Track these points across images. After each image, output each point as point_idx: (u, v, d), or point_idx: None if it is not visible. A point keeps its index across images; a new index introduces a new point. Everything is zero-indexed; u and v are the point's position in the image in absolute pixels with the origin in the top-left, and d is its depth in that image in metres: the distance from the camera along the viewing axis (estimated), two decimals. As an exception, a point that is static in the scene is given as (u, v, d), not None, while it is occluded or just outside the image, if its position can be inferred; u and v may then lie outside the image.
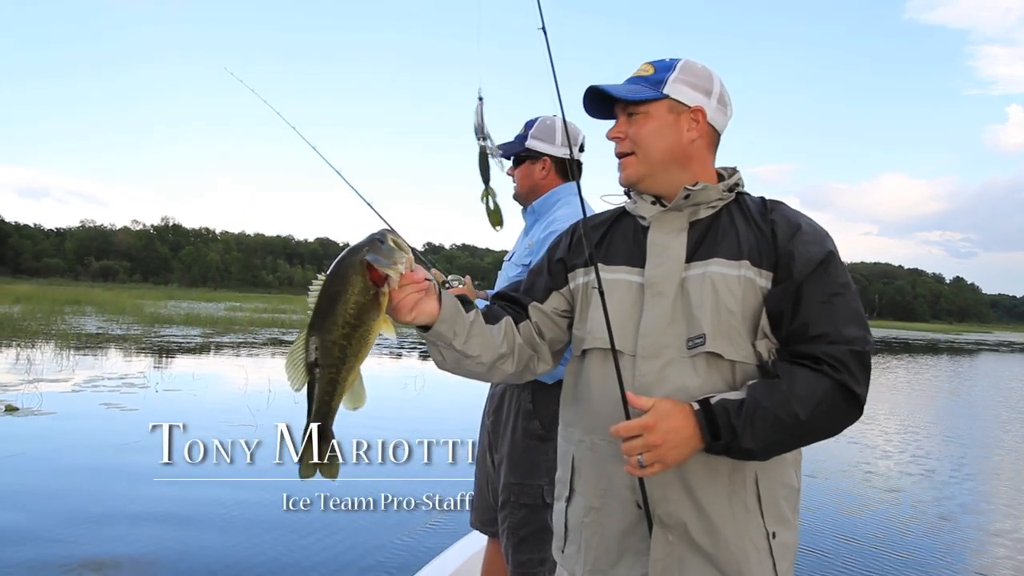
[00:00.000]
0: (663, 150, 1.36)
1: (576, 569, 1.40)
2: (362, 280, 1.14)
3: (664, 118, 1.36)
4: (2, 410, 7.63)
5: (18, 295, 31.06)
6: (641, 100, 1.36)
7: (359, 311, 1.15)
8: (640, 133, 1.37)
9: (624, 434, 1.18)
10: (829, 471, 7.15)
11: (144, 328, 20.84)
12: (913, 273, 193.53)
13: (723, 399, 1.20)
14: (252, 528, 4.61)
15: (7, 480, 5.43)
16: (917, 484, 6.97)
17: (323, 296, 1.15)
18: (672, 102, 1.36)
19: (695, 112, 1.37)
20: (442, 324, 1.28)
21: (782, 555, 1.29)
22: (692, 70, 1.38)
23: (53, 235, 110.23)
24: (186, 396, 9.18)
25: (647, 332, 1.30)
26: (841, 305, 1.25)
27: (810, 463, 7.26)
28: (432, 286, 1.26)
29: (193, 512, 4.85)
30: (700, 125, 1.37)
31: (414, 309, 1.23)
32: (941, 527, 5.63)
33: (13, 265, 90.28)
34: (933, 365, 26.69)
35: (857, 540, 5.11)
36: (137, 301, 33.18)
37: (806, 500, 5.80)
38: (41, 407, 7.87)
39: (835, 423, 1.23)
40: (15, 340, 15.41)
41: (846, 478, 6.99)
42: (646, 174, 1.38)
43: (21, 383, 9.42)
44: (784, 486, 1.31)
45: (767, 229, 1.31)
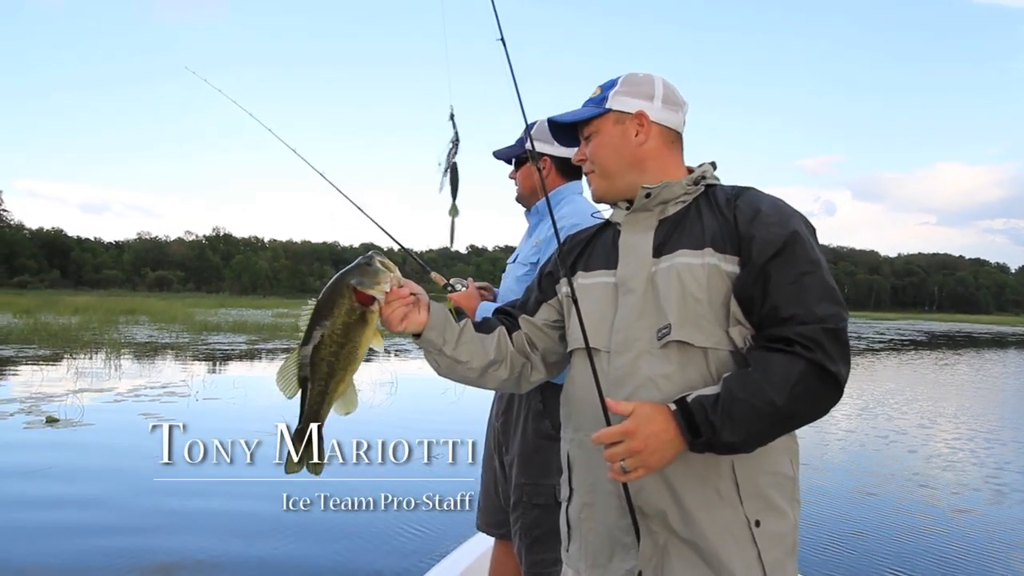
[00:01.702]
0: (616, 160, 1.45)
1: (579, 567, 1.44)
2: (348, 302, 1.27)
3: (611, 131, 1.45)
4: (44, 421, 7.72)
5: (77, 306, 32.16)
6: (588, 119, 1.47)
7: (346, 330, 1.28)
8: (595, 152, 1.47)
9: (605, 440, 1.21)
10: (886, 487, 6.52)
11: (192, 336, 21.26)
12: (975, 263, 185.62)
13: (699, 396, 1.21)
14: (252, 528, 4.64)
15: (23, 494, 5.42)
16: (991, 503, 6.11)
17: (314, 317, 1.28)
18: (616, 114, 1.45)
19: (637, 116, 1.44)
20: (431, 332, 1.40)
21: (770, 545, 1.28)
22: (631, 80, 1.47)
23: (112, 248, 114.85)
24: (224, 405, 9.17)
25: (619, 328, 1.36)
26: (811, 284, 1.25)
27: (862, 475, 6.90)
28: (422, 298, 1.38)
29: (193, 512, 4.85)
30: (646, 128, 1.44)
31: (403, 320, 1.36)
32: (1016, 557, 4.93)
33: (75, 277, 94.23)
34: (1000, 360, 25.31)
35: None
36: (189, 309, 34.01)
37: (859, 520, 5.46)
38: (82, 418, 7.93)
39: (814, 405, 1.23)
40: (67, 350, 15.84)
41: (905, 495, 6.28)
42: (608, 186, 1.48)
43: (66, 393, 9.57)
44: (771, 474, 1.31)
45: (730, 215, 1.33)
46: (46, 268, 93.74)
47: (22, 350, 15.55)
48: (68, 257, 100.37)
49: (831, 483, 6.53)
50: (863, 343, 30.77)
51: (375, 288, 1.27)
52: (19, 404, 8.79)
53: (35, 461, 6.30)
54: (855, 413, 10.56)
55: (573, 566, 1.47)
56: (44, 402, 8.95)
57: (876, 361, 21.46)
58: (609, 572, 1.37)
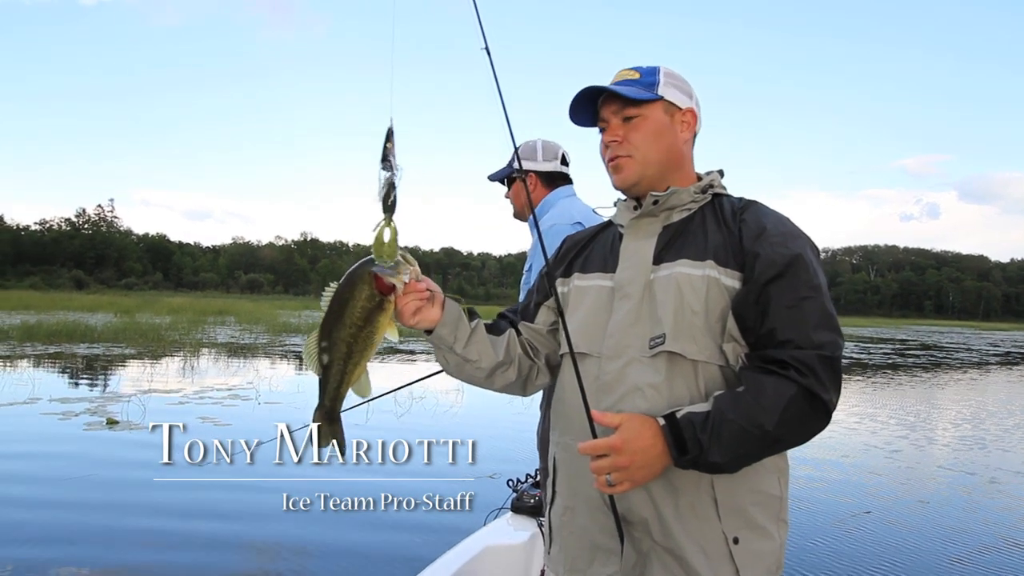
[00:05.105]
0: (661, 151, 1.40)
1: (559, 570, 1.45)
2: (369, 288, 1.31)
3: (661, 120, 1.40)
4: (104, 423, 7.72)
5: (173, 307, 33.88)
6: (641, 100, 1.39)
7: (365, 315, 1.32)
8: (638, 135, 1.40)
9: (591, 453, 1.21)
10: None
11: (271, 337, 21.73)
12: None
13: (689, 413, 1.21)
14: (252, 528, 4.63)
15: (30, 496, 5.28)
16: None
17: (335, 300, 1.32)
18: (666, 103, 1.41)
19: (686, 113, 1.43)
20: (443, 328, 1.39)
21: (750, 563, 1.28)
22: (674, 75, 1.44)
23: (209, 252, 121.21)
24: (284, 408, 8.97)
25: (612, 333, 1.36)
26: (810, 309, 1.24)
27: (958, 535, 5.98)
28: (437, 295, 1.38)
29: (192, 512, 4.87)
30: (691, 127, 1.43)
31: (416, 314, 1.36)
32: None
33: (176, 280, 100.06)
34: None
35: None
36: (275, 311, 35.17)
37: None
38: (141, 420, 7.88)
39: (802, 430, 1.23)
40: (151, 349, 16.37)
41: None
42: (643, 175, 1.41)
43: (135, 393, 9.67)
44: (756, 492, 1.30)
45: (735, 229, 1.33)
46: (150, 271, 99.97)
47: (110, 349, 16.19)
48: (170, 261, 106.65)
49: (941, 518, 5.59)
50: (974, 355, 28.27)
51: (395, 277, 1.30)
52: (87, 404, 8.92)
53: (70, 469, 6.19)
54: (959, 439, 9.34)
55: (554, 569, 1.48)
56: (112, 402, 9.05)
57: (987, 375, 19.46)
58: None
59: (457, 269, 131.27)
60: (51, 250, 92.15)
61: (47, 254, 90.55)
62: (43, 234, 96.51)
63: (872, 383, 16.20)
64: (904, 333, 53.04)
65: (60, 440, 7.15)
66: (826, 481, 6.71)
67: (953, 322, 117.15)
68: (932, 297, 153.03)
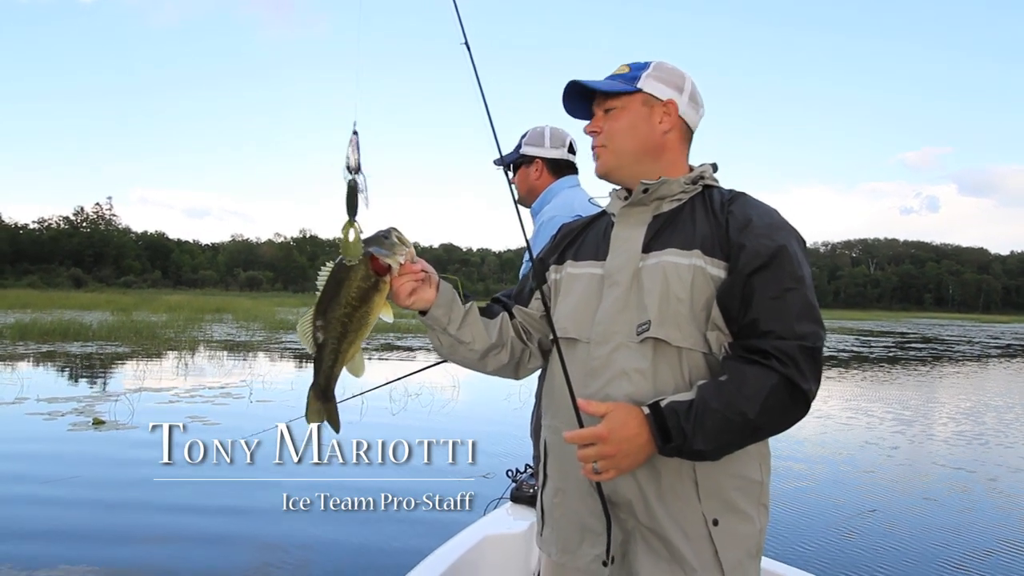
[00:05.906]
0: (633, 141, 1.44)
1: (551, 551, 1.48)
2: (364, 268, 1.32)
3: (638, 111, 1.44)
4: (90, 423, 7.60)
5: (170, 304, 33.68)
6: (616, 93, 1.44)
7: (360, 295, 1.33)
8: (614, 127, 1.45)
9: (578, 441, 1.24)
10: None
11: (268, 335, 21.58)
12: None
13: (673, 401, 1.24)
14: (252, 528, 4.63)
15: (24, 495, 5.16)
16: None
17: (331, 280, 1.33)
18: (646, 96, 1.44)
19: (667, 105, 1.45)
20: (437, 309, 1.42)
21: (729, 544, 1.31)
22: (664, 68, 1.47)
23: (208, 249, 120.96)
24: (275, 407, 8.85)
25: (601, 320, 1.39)
26: (793, 300, 1.27)
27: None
28: (432, 276, 1.41)
29: (192, 512, 4.87)
30: (672, 118, 1.45)
31: (412, 295, 1.38)
32: None
33: (175, 277, 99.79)
34: None
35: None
36: (274, 308, 35.02)
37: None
38: (129, 420, 7.77)
39: (782, 419, 1.26)
40: (145, 347, 16.25)
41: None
42: (617, 165, 1.46)
43: (124, 392, 9.55)
44: (736, 477, 1.34)
45: (723, 220, 1.35)
46: (149, 269, 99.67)
47: (103, 347, 16.06)
48: (169, 258, 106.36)
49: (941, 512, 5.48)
50: (976, 348, 28.17)
51: (391, 258, 1.32)
52: (75, 403, 8.80)
53: (54, 470, 6.08)
54: (959, 433, 9.23)
55: (546, 550, 1.50)
56: (100, 402, 8.93)
57: (987, 368, 19.35)
58: (577, 558, 1.42)
59: (456, 265, 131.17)
60: (49, 249, 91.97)
61: (45, 253, 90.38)
62: (41, 233, 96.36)
63: (872, 377, 16.09)
64: (904, 326, 52.93)
65: (46, 440, 7.03)
66: (826, 481, 6.61)
67: (953, 315, 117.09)
68: (932, 290, 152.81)
